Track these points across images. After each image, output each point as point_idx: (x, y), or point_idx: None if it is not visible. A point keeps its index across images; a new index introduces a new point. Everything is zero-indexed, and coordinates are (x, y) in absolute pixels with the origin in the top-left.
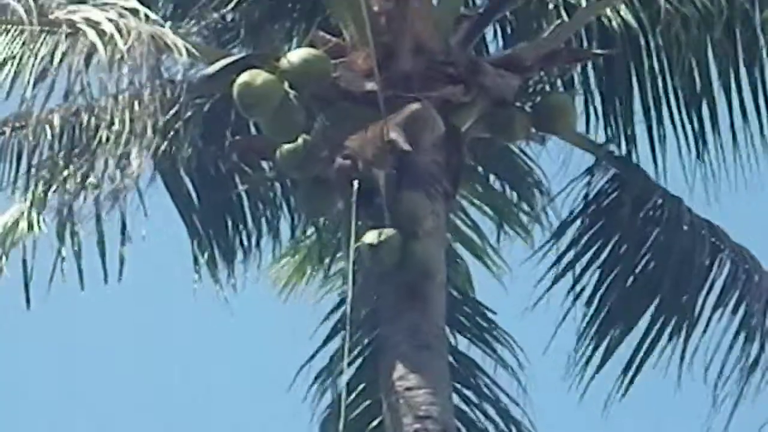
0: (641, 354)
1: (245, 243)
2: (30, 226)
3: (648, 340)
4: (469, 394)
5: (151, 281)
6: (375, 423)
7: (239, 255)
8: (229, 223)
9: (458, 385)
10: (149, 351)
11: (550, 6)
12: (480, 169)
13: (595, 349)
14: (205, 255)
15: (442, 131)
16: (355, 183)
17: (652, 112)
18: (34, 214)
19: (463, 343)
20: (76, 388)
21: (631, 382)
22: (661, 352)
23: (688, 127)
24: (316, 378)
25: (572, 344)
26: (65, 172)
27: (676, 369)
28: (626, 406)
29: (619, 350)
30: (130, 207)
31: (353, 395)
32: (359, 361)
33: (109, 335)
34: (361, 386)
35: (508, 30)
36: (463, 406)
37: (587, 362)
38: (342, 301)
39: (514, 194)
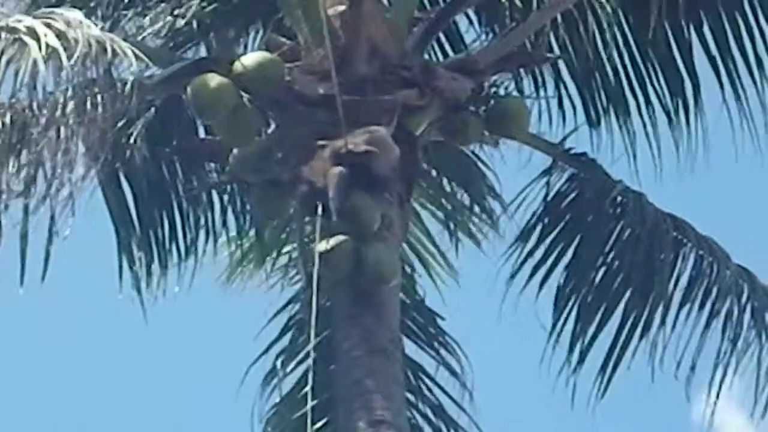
0: (615, 354)
1: (184, 243)
2: None
3: (620, 340)
4: (411, 397)
5: (84, 282)
6: (320, 424)
7: (175, 256)
8: (166, 224)
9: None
10: (88, 353)
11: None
12: (434, 172)
13: (570, 351)
14: (139, 257)
15: (397, 156)
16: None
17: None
18: None
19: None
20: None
21: (608, 382)
22: (634, 351)
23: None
24: (265, 378)
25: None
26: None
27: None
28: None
29: (591, 351)
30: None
31: (300, 395)
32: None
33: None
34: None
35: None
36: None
37: (563, 364)
38: (289, 302)
39: (468, 197)
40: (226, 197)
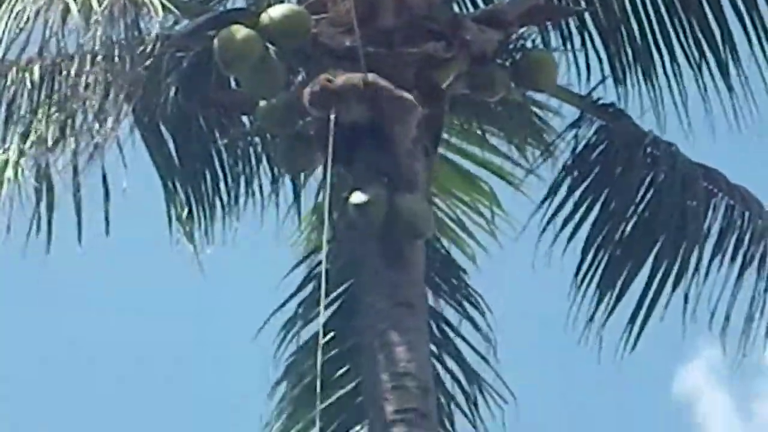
0: (645, 306)
1: (223, 198)
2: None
3: (651, 291)
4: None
5: (122, 234)
6: (341, 372)
7: (217, 210)
8: (208, 178)
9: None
10: (118, 301)
11: None
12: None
13: (599, 302)
14: (181, 209)
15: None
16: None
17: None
18: (12, 166)
19: None
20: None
21: (639, 334)
22: (666, 302)
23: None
24: (284, 326)
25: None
26: (44, 123)
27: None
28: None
29: (621, 303)
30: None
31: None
32: (330, 310)
33: (84, 290)
34: (330, 335)
35: None
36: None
37: (591, 317)
38: (313, 252)
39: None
40: (259, 149)
